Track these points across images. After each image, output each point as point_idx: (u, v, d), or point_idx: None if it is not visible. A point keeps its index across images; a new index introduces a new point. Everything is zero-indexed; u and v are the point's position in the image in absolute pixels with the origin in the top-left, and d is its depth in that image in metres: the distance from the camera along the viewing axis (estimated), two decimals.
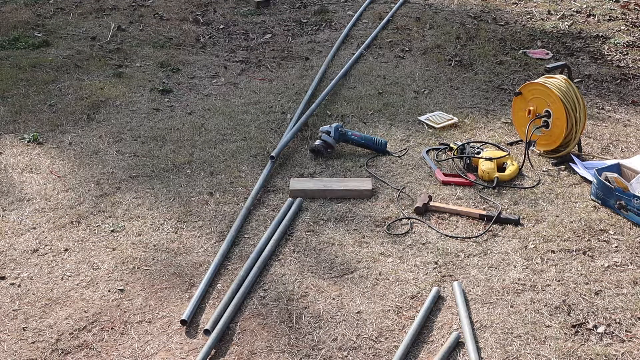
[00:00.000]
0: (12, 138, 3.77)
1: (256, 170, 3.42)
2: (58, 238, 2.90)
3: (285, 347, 2.31)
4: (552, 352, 2.27)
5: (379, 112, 4.05)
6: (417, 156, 3.54)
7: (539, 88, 3.42)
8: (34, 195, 3.21)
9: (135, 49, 5.13)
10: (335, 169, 3.44)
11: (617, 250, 2.78)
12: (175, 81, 4.57)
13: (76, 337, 2.36)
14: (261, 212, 3.07)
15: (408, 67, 4.72)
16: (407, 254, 2.77)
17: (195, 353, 2.28)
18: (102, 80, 4.55)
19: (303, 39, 5.37)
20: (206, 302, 2.52)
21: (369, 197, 3.16)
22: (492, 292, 2.55)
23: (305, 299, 2.53)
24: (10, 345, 2.33)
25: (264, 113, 4.07)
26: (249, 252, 2.78)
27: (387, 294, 2.55)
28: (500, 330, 2.36)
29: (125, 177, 3.37)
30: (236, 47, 5.21)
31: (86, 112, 4.09)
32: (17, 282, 2.64)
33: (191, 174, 3.40)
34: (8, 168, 3.46)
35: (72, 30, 5.52)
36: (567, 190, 3.21)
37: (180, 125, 3.92)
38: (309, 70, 4.72)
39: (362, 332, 2.37)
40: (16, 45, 5.12)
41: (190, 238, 2.90)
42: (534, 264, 2.70)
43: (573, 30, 5.39)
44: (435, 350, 2.29)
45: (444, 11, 5.89)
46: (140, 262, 2.74)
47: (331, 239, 2.88)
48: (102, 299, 2.54)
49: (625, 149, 3.61)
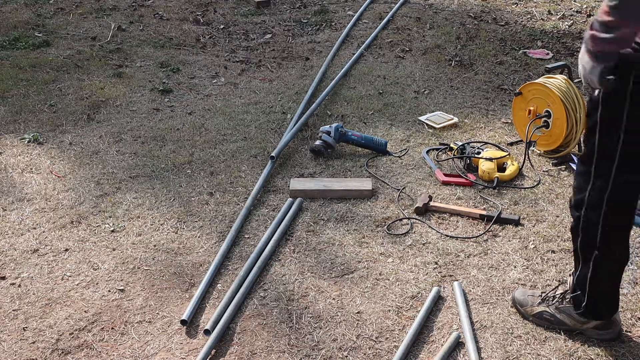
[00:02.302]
0: (12, 138, 3.77)
1: (256, 170, 3.42)
2: (58, 238, 2.90)
3: (286, 347, 2.31)
4: (552, 352, 2.27)
5: (379, 112, 4.05)
6: (417, 156, 3.54)
7: (539, 88, 3.42)
8: (34, 195, 3.21)
9: (136, 49, 5.13)
10: (336, 169, 3.44)
11: None
12: (176, 81, 4.57)
13: (76, 337, 2.36)
14: (261, 212, 3.07)
15: (408, 67, 4.72)
16: (407, 254, 2.77)
17: (196, 353, 2.28)
18: (102, 80, 4.55)
19: (303, 39, 5.37)
20: (206, 302, 2.52)
21: (369, 197, 3.16)
22: (493, 292, 2.55)
23: (306, 299, 2.53)
24: (11, 345, 2.33)
25: (264, 113, 4.07)
26: (249, 252, 2.78)
27: (387, 294, 2.55)
28: (501, 330, 2.36)
29: (125, 177, 3.37)
30: (236, 47, 5.22)
31: (86, 112, 4.09)
32: (18, 282, 2.64)
33: (191, 174, 3.40)
34: (8, 168, 3.46)
35: (73, 30, 5.52)
36: (568, 190, 3.21)
37: (181, 125, 3.93)
38: (309, 70, 4.72)
39: (363, 332, 2.37)
40: (16, 45, 5.13)
41: (190, 238, 2.90)
42: (534, 264, 2.70)
43: (573, 30, 5.39)
44: (435, 350, 2.29)
45: (444, 11, 5.89)
46: (140, 262, 2.74)
47: (331, 239, 2.88)
48: (103, 299, 2.54)
49: None
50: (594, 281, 2.21)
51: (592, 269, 2.18)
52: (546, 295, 2.39)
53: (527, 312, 2.41)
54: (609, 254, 2.16)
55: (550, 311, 2.36)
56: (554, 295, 2.37)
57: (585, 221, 2.14)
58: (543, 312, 2.37)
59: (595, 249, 2.14)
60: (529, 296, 2.43)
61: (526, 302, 2.42)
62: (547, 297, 2.38)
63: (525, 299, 2.43)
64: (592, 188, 2.10)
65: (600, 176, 2.07)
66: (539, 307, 2.38)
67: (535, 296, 2.42)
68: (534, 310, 2.39)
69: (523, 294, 2.45)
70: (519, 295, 2.46)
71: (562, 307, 2.34)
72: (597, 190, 2.09)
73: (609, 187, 2.06)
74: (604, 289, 2.25)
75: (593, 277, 2.20)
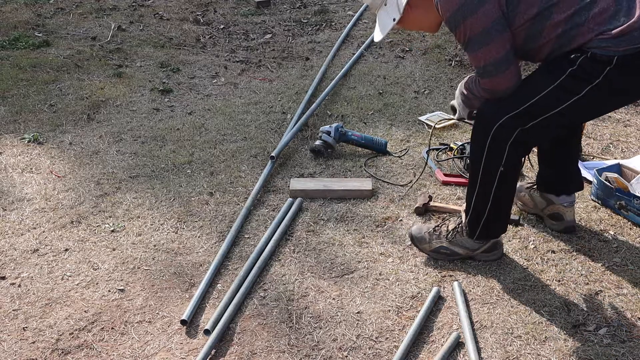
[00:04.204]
0: (12, 138, 3.77)
1: (256, 170, 3.42)
2: (58, 238, 2.90)
3: (286, 347, 2.31)
4: (552, 352, 2.27)
5: (379, 112, 4.05)
6: (417, 156, 3.54)
7: None
8: (34, 195, 3.21)
9: (136, 49, 5.13)
10: (336, 169, 3.44)
11: (617, 250, 2.78)
12: (176, 81, 4.57)
13: (76, 337, 2.36)
14: (261, 212, 3.07)
15: (408, 67, 4.72)
16: (407, 254, 2.77)
17: (196, 353, 2.28)
18: (102, 80, 4.55)
19: (303, 39, 5.37)
20: (206, 302, 2.52)
21: (369, 197, 3.17)
22: (492, 292, 2.55)
23: (306, 299, 2.53)
24: (11, 345, 2.33)
25: (264, 113, 4.07)
26: (249, 252, 2.78)
27: (387, 294, 2.55)
28: (501, 331, 2.36)
29: (125, 177, 3.37)
30: (236, 47, 5.22)
31: (86, 112, 4.09)
32: (17, 282, 2.64)
33: (191, 174, 3.40)
34: (8, 168, 3.46)
35: (73, 30, 5.52)
36: None
37: (181, 125, 3.93)
38: (309, 70, 4.73)
39: (362, 332, 2.37)
40: (16, 45, 5.13)
41: (190, 238, 2.90)
42: (534, 264, 2.70)
43: None
44: (435, 350, 2.29)
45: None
46: (140, 262, 2.74)
47: (331, 239, 2.88)
48: (102, 299, 2.54)
49: (626, 149, 3.61)
50: (495, 200, 2.51)
51: (496, 184, 2.47)
52: (440, 231, 2.68)
53: (424, 248, 2.70)
54: (512, 169, 2.48)
55: (445, 245, 2.67)
56: (446, 230, 2.68)
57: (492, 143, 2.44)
58: (440, 247, 2.68)
59: (500, 165, 2.44)
60: (425, 232, 2.70)
61: (424, 239, 2.70)
62: (440, 232, 2.68)
63: (422, 235, 2.71)
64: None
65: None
66: (436, 242, 2.68)
67: (430, 232, 2.70)
68: (432, 246, 2.69)
69: (419, 231, 2.72)
70: (415, 232, 2.73)
71: (455, 240, 2.66)
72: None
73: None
74: (502, 208, 2.58)
75: (495, 195, 2.50)
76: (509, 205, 2.61)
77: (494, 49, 2.30)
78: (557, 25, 2.26)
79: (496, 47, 2.30)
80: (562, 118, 2.36)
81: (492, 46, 2.30)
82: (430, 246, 2.69)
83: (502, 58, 2.31)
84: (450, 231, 2.68)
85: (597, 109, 2.47)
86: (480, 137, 2.45)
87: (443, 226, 2.71)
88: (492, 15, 2.27)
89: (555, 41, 2.29)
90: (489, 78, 2.38)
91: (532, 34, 2.31)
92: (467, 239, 2.65)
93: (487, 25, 2.27)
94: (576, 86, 2.29)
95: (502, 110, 2.38)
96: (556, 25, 2.26)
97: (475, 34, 2.30)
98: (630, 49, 2.20)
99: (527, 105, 2.34)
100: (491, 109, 2.43)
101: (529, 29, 2.30)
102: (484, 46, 2.31)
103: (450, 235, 2.67)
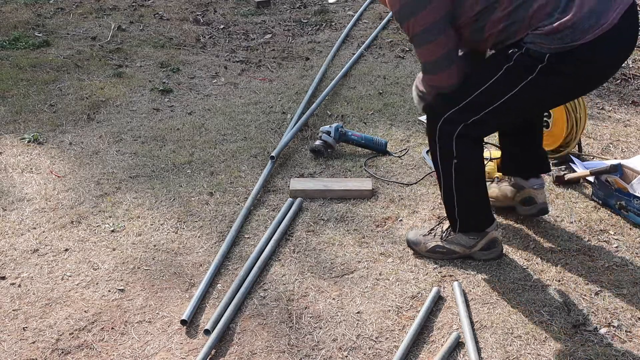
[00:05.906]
0: (12, 138, 3.77)
1: (256, 170, 3.42)
2: (58, 238, 2.90)
3: (286, 347, 2.31)
4: (552, 352, 2.27)
5: (379, 112, 4.05)
6: (417, 156, 3.54)
7: None
8: (34, 195, 3.21)
9: (136, 49, 5.13)
10: (336, 169, 3.44)
11: (617, 250, 2.78)
12: (176, 81, 4.57)
13: (76, 337, 2.36)
14: (261, 212, 3.07)
15: (408, 67, 4.72)
16: (407, 254, 2.77)
17: (196, 353, 2.28)
18: (102, 80, 4.55)
19: (303, 39, 5.37)
20: (206, 302, 2.52)
21: (369, 197, 3.17)
22: (492, 292, 2.55)
23: (306, 299, 2.53)
24: (11, 345, 2.33)
25: (264, 113, 4.07)
26: (249, 252, 2.78)
27: (387, 294, 2.55)
28: (501, 331, 2.36)
29: (125, 177, 3.37)
30: (236, 47, 5.22)
31: (86, 112, 4.09)
32: (17, 282, 2.64)
33: (191, 174, 3.40)
34: (8, 168, 3.46)
35: (73, 30, 5.52)
36: (567, 190, 3.21)
37: (181, 125, 3.93)
38: (309, 70, 4.73)
39: (362, 332, 2.37)
40: (16, 45, 5.13)
41: (190, 238, 2.90)
42: (534, 264, 2.70)
43: None
44: (435, 350, 2.29)
45: None
46: (140, 262, 2.74)
47: (331, 239, 2.88)
48: (103, 299, 2.54)
49: (626, 149, 3.61)
50: (459, 192, 2.55)
51: (454, 176, 2.52)
52: (435, 232, 2.71)
53: (421, 249, 2.72)
54: (466, 161, 2.51)
55: (441, 244, 2.68)
56: (441, 230, 2.70)
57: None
58: (436, 246, 2.69)
59: (453, 158, 2.49)
60: (421, 235, 2.73)
61: (419, 241, 2.73)
62: (435, 233, 2.70)
63: (417, 239, 2.73)
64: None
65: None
66: (431, 242, 2.70)
67: (425, 234, 2.72)
68: (428, 247, 2.70)
69: (415, 235, 2.75)
70: (411, 236, 2.76)
71: (450, 239, 2.68)
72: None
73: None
74: (470, 198, 2.60)
75: (457, 187, 2.54)
76: (478, 196, 2.62)
77: (434, 48, 2.37)
78: (499, 21, 2.32)
79: (436, 46, 2.37)
80: (502, 113, 2.42)
81: (432, 45, 2.36)
82: (425, 247, 2.71)
83: (443, 56, 2.38)
84: (445, 230, 2.70)
85: (535, 104, 2.50)
86: (431, 131, 2.53)
87: (438, 227, 2.73)
88: (435, 15, 2.32)
89: (497, 35, 2.35)
90: (431, 75, 2.46)
91: (477, 29, 2.37)
92: (460, 236, 2.66)
93: (428, 25, 2.33)
94: (511, 82, 2.35)
95: (447, 105, 2.45)
96: (498, 20, 2.32)
97: (417, 32, 2.36)
98: (561, 47, 2.24)
99: (468, 101, 2.41)
100: (437, 104, 2.51)
101: (474, 24, 2.37)
102: (425, 44, 2.38)
103: (445, 234, 2.69)
